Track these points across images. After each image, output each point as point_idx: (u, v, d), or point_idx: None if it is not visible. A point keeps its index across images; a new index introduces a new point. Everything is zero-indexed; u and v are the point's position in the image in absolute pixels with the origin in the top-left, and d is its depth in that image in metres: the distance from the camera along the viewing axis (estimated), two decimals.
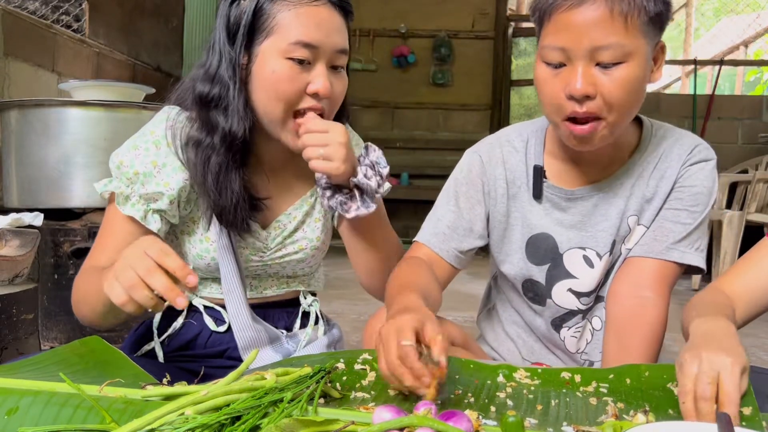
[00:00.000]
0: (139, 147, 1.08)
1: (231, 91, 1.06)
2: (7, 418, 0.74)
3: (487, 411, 0.81)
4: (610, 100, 0.99)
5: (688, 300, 1.03)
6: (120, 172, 1.07)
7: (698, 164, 1.12)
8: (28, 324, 1.68)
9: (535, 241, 1.18)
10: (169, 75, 4.76)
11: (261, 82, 1.05)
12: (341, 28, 1.07)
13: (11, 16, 2.81)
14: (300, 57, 1.03)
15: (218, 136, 1.05)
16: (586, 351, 1.20)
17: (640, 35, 0.98)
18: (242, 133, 1.05)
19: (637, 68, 0.99)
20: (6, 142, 2.26)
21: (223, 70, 1.06)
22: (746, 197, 3.98)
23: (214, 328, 1.16)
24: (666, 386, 0.87)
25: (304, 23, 1.03)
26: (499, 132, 1.24)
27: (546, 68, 1.02)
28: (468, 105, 6.52)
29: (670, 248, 1.10)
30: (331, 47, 1.05)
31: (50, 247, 2.10)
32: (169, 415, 0.70)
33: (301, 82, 1.04)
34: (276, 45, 1.04)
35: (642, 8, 0.97)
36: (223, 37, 1.07)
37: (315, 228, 1.20)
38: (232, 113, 1.06)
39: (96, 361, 0.93)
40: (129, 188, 1.06)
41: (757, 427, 0.75)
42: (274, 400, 0.74)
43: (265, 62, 1.04)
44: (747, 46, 7.40)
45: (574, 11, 0.97)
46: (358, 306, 2.94)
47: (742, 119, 5.82)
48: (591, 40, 0.97)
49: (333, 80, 1.07)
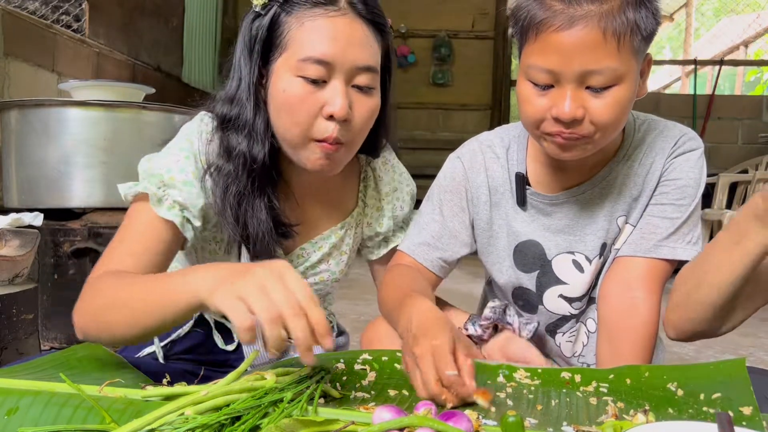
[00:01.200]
0: (178, 153, 1.00)
1: (248, 112, 0.98)
2: (7, 419, 0.74)
3: (488, 411, 0.81)
4: (599, 122, 0.95)
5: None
6: (151, 175, 0.99)
7: (683, 156, 1.08)
8: (28, 324, 1.68)
9: (522, 249, 1.16)
10: (169, 75, 4.76)
11: (274, 102, 0.97)
12: (366, 42, 0.96)
13: (11, 16, 2.81)
14: (312, 75, 0.93)
15: (239, 161, 0.98)
16: (583, 354, 1.18)
17: (632, 56, 0.94)
18: (262, 157, 0.98)
19: (628, 90, 0.95)
20: (6, 142, 2.26)
21: (242, 90, 0.99)
22: (746, 197, 3.97)
23: (223, 346, 1.14)
24: (666, 386, 0.87)
25: (317, 37, 0.93)
26: (481, 136, 1.20)
27: (531, 87, 0.97)
28: (468, 105, 6.52)
29: (659, 245, 1.07)
30: (351, 63, 0.94)
31: (50, 247, 2.10)
32: (169, 415, 0.70)
33: (314, 103, 0.94)
34: (288, 62, 0.95)
35: (635, 27, 0.92)
36: (242, 54, 0.99)
37: (340, 261, 1.15)
38: (250, 136, 0.98)
39: (96, 364, 0.93)
40: (162, 191, 0.98)
41: (757, 427, 0.75)
42: (274, 400, 0.74)
43: (277, 81, 0.96)
44: (747, 46, 7.40)
45: (565, 33, 0.91)
46: (359, 306, 2.94)
47: (742, 119, 5.82)
48: (582, 64, 0.91)
49: (355, 102, 0.96)
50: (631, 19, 0.91)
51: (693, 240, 1.09)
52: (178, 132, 1.05)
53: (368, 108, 0.98)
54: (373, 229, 1.17)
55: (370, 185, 1.16)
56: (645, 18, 0.93)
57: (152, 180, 0.98)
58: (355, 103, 0.96)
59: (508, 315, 1.14)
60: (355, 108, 0.96)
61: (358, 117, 0.97)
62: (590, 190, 1.11)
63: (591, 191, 1.11)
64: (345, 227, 1.14)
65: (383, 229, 1.17)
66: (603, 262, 1.14)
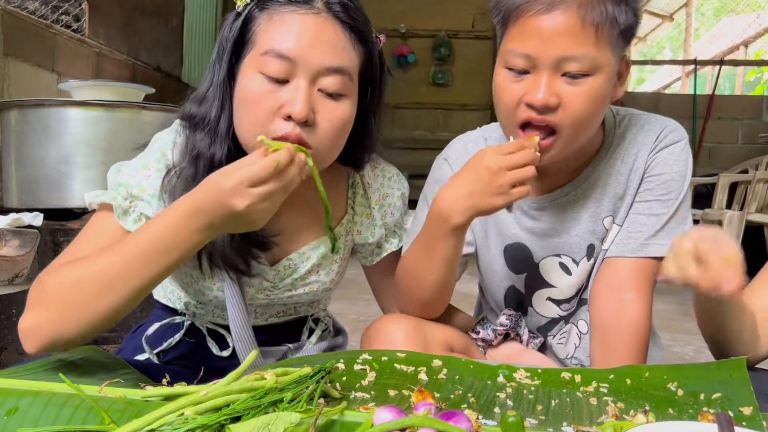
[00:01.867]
0: (150, 167, 0.97)
1: (212, 111, 0.94)
2: (7, 419, 0.74)
3: (488, 411, 0.81)
4: (572, 112, 0.95)
5: (688, 300, 1.03)
6: (120, 185, 0.96)
7: (666, 149, 1.06)
8: None
9: (510, 251, 1.15)
10: (168, 75, 4.76)
11: (236, 100, 0.93)
12: (338, 45, 0.90)
13: (11, 16, 2.81)
14: (273, 73, 0.88)
15: (199, 163, 0.93)
16: (576, 356, 1.17)
17: (609, 48, 0.94)
18: (221, 158, 0.92)
19: (604, 82, 0.95)
20: (6, 142, 2.27)
21: (212, 87, 0.95)
22: (746, 197, 3.98)
23: (218, 352, 1.12)
24: (666, 386, 0.87)
25: (281, 31, 0.89)
26: (465, 136, 1.19)
27: (507, 73, 0.97)
28: (468, 105, 6.52)
29: (646, 243, 1.05)
30: (317, 63, 0.88)
31: (50, 247, 2.10)
32: (168, 415, 0.70)
33: (273, 101, 0.88)
34: (252, 57, 0.91)
35: (614, 19, 0.92)
36: (214, 53, 0.96)
37: (331, 271, 1.11)
38: (210, 136, 0.94)
39: (96, 365, 0.93)
40: (128, 202, 0.95)
41: (757, 427, 0.75)
42: (274, 400, 0.74)
43: (242, 77, 0.92)
44: (747, 46, 7.41)
45: (543, 17, 0.92)
46: (358, 306, 2.93)
47: (742, 119, 5.82)
48: (559, 49, 0.92)
49: (320, 106, 0.90)
50: (610, 11, 0.92)
51: None
52: (152, 140, 1.02)
53: (336, 115, 0.91)
54: (364, 237, 1.14)
55: (358, 192, 1.13)
56: (624, 13, 0.93)
57: (120, 191, 0.95)
58: (320, 107, 0.90)
59: (520, 326, 1.14)
60: (320, 112, 0.90)
61: (325, 123, 0.91)
62: (573, 191, 1.09)
63: (574, 192, 1.09)
64: None
65: (375, 238, 1.14)
66: (593, 264, 1.12)
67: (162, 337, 1.13)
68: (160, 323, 1.13)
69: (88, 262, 0.86)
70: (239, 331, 1.03)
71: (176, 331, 1.13)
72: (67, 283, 0.85)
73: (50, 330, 0.85)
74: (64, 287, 0.85)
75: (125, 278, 0.83)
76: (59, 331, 0.85)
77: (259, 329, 1.09)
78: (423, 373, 0.90)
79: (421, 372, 0.91)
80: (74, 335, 0.85)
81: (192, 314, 1.13)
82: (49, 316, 0.85)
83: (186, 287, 1.08)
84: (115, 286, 0.83)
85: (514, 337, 1.14)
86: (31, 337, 0.85)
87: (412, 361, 0.93)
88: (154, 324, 1.13)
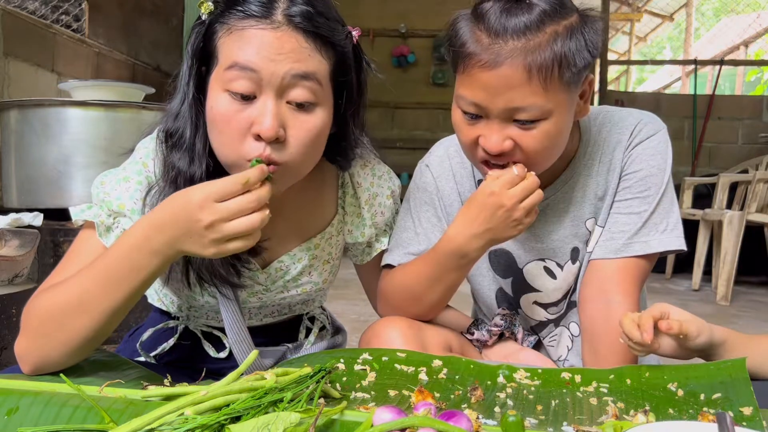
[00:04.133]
0: (131, 180, 0.95)
1: (188, 129, 0.92)
2: (7, 418, 0.74)
3: (488, 411, 0.81)
4: (530, 153, 0.94)
5: (688, 300, 1.02)
6: (104, 202, 0.95)
7: (641, 144, 1.04)
8: None
9: (495, 257, 1.14)
10: (168, 75, 4.75)
11: (208, 120, 0.90)
12: (302, 54, 0.86)
13: (11, 16, 2.81)
14: (238, 89, 0.85)
15: (179, 181, 0.91)
16: (568, 358, 1.16)
17: (562, 90, 0.91)
18: (199, 176, 0.90)
19: (558, 123, 0.93)
20: (6, 142, 2.26)
21: (184, 105, 0.92)
22: (746, 197, 3.97)
23: (215, 354, 1.12)
24: (666, 386, 0.87)
25: (242, 45, 0.85)
26: (446, 141, 1.17)
27: (461, 116, 0.96)
28: None
29: (629, 243, 1.04)
30: (282, 74, 0.85)
31: (50, 247, 2.10)
32: (168, 415, 0.70)
33: (242, 121, 0.86)
34: (217, 75, 0.88)
35: (563, 60, 0.89)
36: (184, 64, 0.92)
37: (323, 271, 1.11)
38: (188, 154, 0.92)
39: (96, 364, 0.93)
40: (112, 219, 0.94)
41: (757, 427, 0.75)
42: (274, 400, 0.74)
43: (209, 96, 0.89)
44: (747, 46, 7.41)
45: (490, 72, 0.89)
46: (358, 306, 2.93)
47: (743, 119, 5.82)
48: (507, 102, 0.90)
49: (290, 120, 0.87)
50: (559, 52, 0.88)
51: (668, 227, 1.04)
52: (136, 147, 1.00)
53: (307, 128, 0.88)
54: (354, 237, 1.13)
55: (348, 192, 1.11)
56: (576, 51, 0.90)
57: (103, 207, 0.94)
58: (289, 122, 0.87)
59: (515, 325, 1.13)
60: (291, 127, 0.87)
61: (296, 138, 0.88)
62: (552, 195, 1.08)
63: (554, 197, 1.08)
64: (325, 236, 1.09)
65: (365, 238, 1.13)
66: (579, 267, 1.11)
67: (157, 341, 1.12)
68: (153, 328, 1.12)
69: (64, 286, 0.86)
70: (235, 335, 1.02)
71: (170, 335, 1.12)
72: (45, 309, 0.86)
73: (37, 355, 0.86)
74: (43, 314, 0.86)
75: (96, 301, 0.84)
76: (46, 356, 0.86)
77: (255, 330, 1.08)
78: (423, 373, 0.90)
79: (421, 372, 0.91)
80: (61, 358, 0.86)
81: (186, 317, 1.13)
82: (35, 342, 0.86)
83: (178, 293, 1.08)
84: (88, 309, 0.84)
85: (509, 336, 1.14)
86: (24, 361, 0.87)
87: (412, 361, 0.93)
88: (148, 329, 1.12)
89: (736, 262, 3.69)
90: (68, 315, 0.84)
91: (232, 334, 1.02)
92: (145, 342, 1.12)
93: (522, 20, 0.89)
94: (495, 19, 0.90)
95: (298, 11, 0.86)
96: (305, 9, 0.87)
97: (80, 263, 0.91)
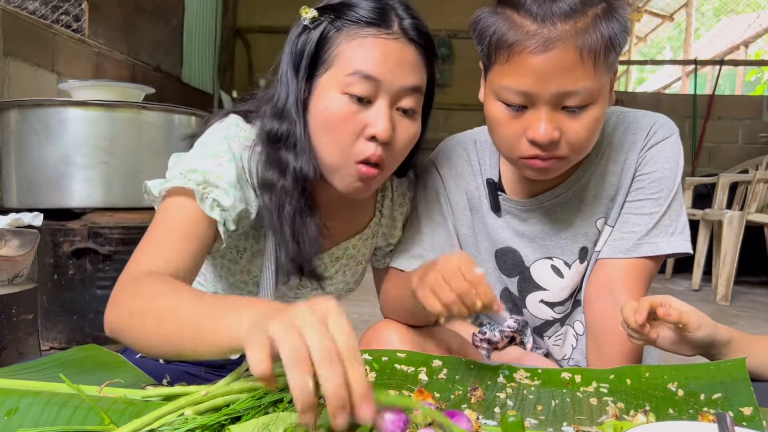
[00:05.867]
0: (220, 156, 0.94)
1: (298, 128, 0.95)
2: (7, 419, 0.74)
3: (488, 411, 0.81)
4: (576, 142, 0.93)
5: (689, 299, 1.03)
6: (192, 171, 0.92)
7: (656, 146, 1.04)
8: (27, 324, 1.68)
9: (501, 255, 1.14)
10: (168, 75, 4.76)
11: (316, 120, 0.94)
12: (414, 66, 0.93)
13: (11, 16, 2.81)
14: (358, 93, 0.90)
15: (290, 178, 0.95)
16: (573, 357, 1.16)
17: (606, 72, 0.91)
18: (313, 174, 0.95)
19: (603, 107, 0.93)
20: (6, 142, 2.26)
21: (291, 104, 0.95)
22: (746, 197, 3.97)
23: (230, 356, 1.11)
24: (666, 386, 0.87)
25: (366, 53, 0.91)
26: (454, 139, 1.17)
27: (503, 109, 0.94)
28: (468, 105, 6.51)
29: (639, 243, 1.04)
30: (399, 84, 0.92)
31: (50, 247, 2.10)
32: (168, 415, 0.70)
33: (358, 122, 0.91)
34: (334, 77, 0.92)
35: (608, 41, 0.89)
36: (288, 68, 0.96)
37: (356, 272, 1.15)
38: (301, 152, 0.95)
39: (96, 364, 0.93)
40: (203, 188, 0.91)
41: (757, 426, 0.75)
42: (274, 400, 0.74)
43: (321, 97, 0.93)
44: (747, 46, 7.41)
45: (541, 56, 0.87)
46: (359, 306, 2.93)
47: (743, 119, 5.82)
48: (559, 86, 0.89)
49: (398, 125, 0.94)
50: (606, 35, 0.88)
51: (677, 230, 1.05)
52: (207, 132, 0.99)
53: (410, 133, 0.96)
54: (386, 239, 1.16)
55: (387, 195, 1.15)
56: (618, 32, 0.90)
57: (192, 177, 0.91)
58: (398, 126, 0.94)
59: (525, 333, 1.13)
60: (398, 131, 0.94)
61: (400, 141, 0.95)
62: (564, 193, 1.08)
63: (565, 194, 1.08)
64: (363, 238, 1.12)
65: (394, 240, 1.16)
66: (586, 266, 1.11)
67: None
68: None
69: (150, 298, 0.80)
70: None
71: None
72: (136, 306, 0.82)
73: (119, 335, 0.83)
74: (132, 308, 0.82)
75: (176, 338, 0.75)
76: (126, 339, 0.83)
77: None
78: (423, 374, 0.90)
79: (421, 372, 0.91)
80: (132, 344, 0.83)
81: None
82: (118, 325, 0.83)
83: (220, 280, 1.08)
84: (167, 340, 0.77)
85: (518, 343, 1.14)
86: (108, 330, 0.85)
87: (412, 362, 0.93)
88: None
89: (736, 262, 3.70)
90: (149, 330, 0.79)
91: None
92: None
93: (566, 3, 0.88)
94: (538, 5, 0.88)
95: (411, 24, 0.94)
96: (417, 23, 0.95)
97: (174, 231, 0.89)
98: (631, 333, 0.90)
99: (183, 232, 0.89)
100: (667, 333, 0.91)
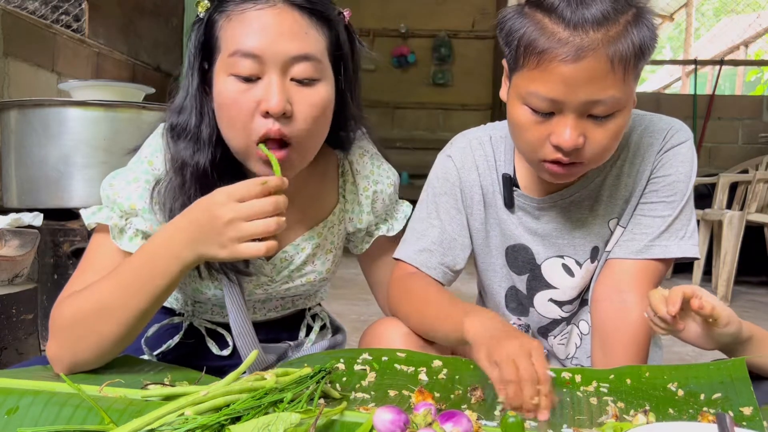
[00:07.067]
0: (139, 179, 0.97)
1: (192, 119, 0.95)
2: (7, 418, 0.74)
3: (488, 412, 0.81)
4: (598, 150, 0.93)
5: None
6: (115, 203, 0.97)
7: (672, 150, 1.05)
8: (27, 324, 1.68)
9: (512, 252, 1.14)
10: (168, 75, 4.76)
11: (216, 107, 0.93)
12: (300, 32, 0.90)
13: (11, 16, 2.80)
14: (242, 72, 0.88)
15: (185, 171, 0.94)
16: (576, 356, 1.17)
17: (633, 80, 0.91)
18: (203, 164, 0.94)
19: (627, 115, 0.94)
20: (6, 142, 2.26)
21: (188, 98, 0.95)
22: (746, 197, 3.97)
23: (218, 352, 1.12)
24: (666, 386, 0.87)
25: (244, 30, 0.88)
26: (469, 133, 1.16)
27: (529, 113, 0.93)
28: (468, 105, 6.52)
29: (650, 245, 1.04)
30: (283, 54, 0.88)
31: (50, 247, 2.10)
32: (168, 415, 0.70)
33: (249, 100, 0.89)
34: (222, 62, 0.91)
35: (639, 49, 0.88)
36: (185, 61, 0.96)
37: (326, 260, 1.12)
38: (193, 143, 0.95)
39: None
40: (124, 221, 0.96)
41: (757, 427, 0.75)
42: (274, 400, 0.74)
43: (216, 84, 0.92)
44: (747, 46, 7.40)
45: (572, 65, 0.86)
46: (358, 306, 2.93)
47: (743, 119, 5.81)
48: (588, 95, 0.88)
49: (295, 95, 0.90)
50: (636, 42, 0.88)
51: (687, 234, 1.06)
52: (142, 147, 1.02)
53: (312, 102, 0.91)
54: (354, 225, 1.14)
55: (348, 180, 1.13)
56: (648, 39, 0.89)
57: (114, 209, 0.97)
58: (295, 97, 0.90)
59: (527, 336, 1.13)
60: (296, 102, 0.90)
61: (302, 112, 0.90)
62: (579, 192, 1.08)
63: (580, 194, 1.08)
64: (327, 225, 1.10)
65: (363, 225, 1.14)
66: (596, 266, 1.11)
67: (161, 339, 1.12)
68: (159, 324, 1.12)
69: (89, 292, 0.90)
70: (240, 327, 1.03)
71: (175, 332, 1.13)
72: (72, 315, 0.90)
73: (67, 358, 0.90)
74: (70, 320, 0.90)
75: (122, 306, 0.88)
76: (75, 358, 0.90)
77: (257, 325, 1.08)
78: (423, 374, 0.90)
79: (421, 372, 0.91)
80: (90, 360, 0.91)
81: (190, 313, 1.13)
82: (63, 346, 0.90)
83: (183, 287, 1.08)
84: (114, 314, 0.88)
85: None
86: (55, 364, 0.91)
87: (412, 362, 0.93)
88: (153, 326, 1.13)
89: (736, 262, 3.69)
90: (95, 320, 0.88)
91: (236, 326, 1.03)
92: (149, 339, 1.13)
93: (599, 9, 0.87)
94: (570, 11, 0.87)
95: None
96: None
97: (98, 267, 0.95)
98: (656, 322, 0.88)
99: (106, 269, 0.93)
100: (693, 326, 0.90)
